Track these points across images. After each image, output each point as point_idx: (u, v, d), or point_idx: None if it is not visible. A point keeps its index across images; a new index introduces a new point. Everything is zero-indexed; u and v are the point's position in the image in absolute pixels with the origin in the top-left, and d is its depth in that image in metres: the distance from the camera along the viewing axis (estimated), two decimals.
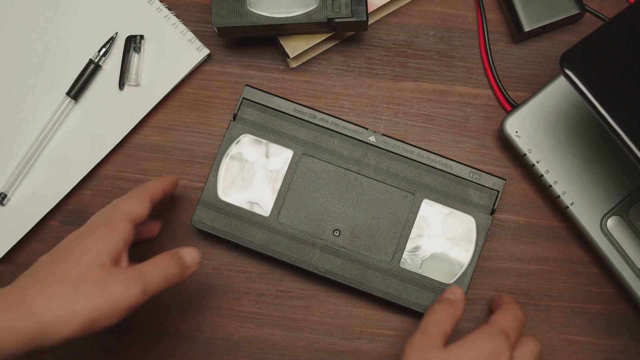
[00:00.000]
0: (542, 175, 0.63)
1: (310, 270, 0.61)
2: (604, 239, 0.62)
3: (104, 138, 0.66)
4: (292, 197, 0.62)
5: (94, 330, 0.50)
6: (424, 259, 0.62)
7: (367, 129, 0.62)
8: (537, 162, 0.63)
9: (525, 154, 0.63)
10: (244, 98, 0.63)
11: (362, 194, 0.62)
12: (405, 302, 0.61)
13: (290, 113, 0.63)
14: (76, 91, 0.66)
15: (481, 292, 0.64)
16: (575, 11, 0.65)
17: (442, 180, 0.62)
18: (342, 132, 0.62)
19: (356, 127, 0.62)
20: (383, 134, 0.62)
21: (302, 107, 0.63)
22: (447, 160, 0.62)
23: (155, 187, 0.58)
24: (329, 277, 0.61)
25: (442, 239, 0.62)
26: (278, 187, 0.62)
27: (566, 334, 0.64)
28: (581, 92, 0.53)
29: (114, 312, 0.51)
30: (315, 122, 0.62)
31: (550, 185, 0.63)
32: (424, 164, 0.62)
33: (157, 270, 0.54)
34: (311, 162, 0.62)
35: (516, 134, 0.63)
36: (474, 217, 0.62)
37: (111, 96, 0.66)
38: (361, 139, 0.62)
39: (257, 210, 0.62)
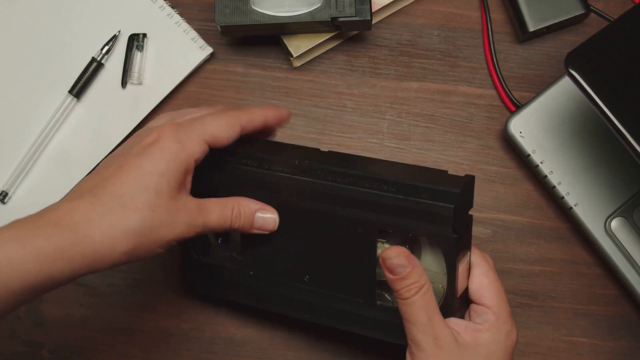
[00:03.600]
0: (546, 176, 0.63)
1: (294, 315, 0.57)
2: (608, 240, 0.62)
3: (106, 136, 0.65)
4: (259, 246, 0.57)
5: (140, 258, 0.48)
6: None
7: (296, 161, 0.54)
8: (541, 162, 0.63)
9: (529, 155, 0.63)
10: None
11: (326, 232, 0.54)
12: (389, 338, 0.54)
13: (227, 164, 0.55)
14: (78, 89, 0.65)
15: None
16: (580, 11, 0.64)
17: (392, 205, 0.51)
18: (291, 171, 0.54)
19: (285, 160, 0.54)
20: (327, 151, 0.55)
21: (227, 152, 0.54)
22: (391, 178, 0.52)
23: (253, 116, 0.53)
24: (311, 321, 0.57)
25: None
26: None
27: (569, 336, 0.64)
28: (586, 92, 0.53)
29: (165, 247, 0.48)
30: (246, 165, 0.55)
31: (554, 186, 0.63)
32: (369, 190, 0.52)
33: (220, 221, 0.51)
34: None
35: (520, 134, 0.63)
36: (437, 240, 0.51)
37: (113, 94, 0.66)
38: (295, 173, 0.54)
39: (233, 260, 0.59)
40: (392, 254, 0.49)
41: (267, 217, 0.54)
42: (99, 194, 0.47)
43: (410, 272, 0.48)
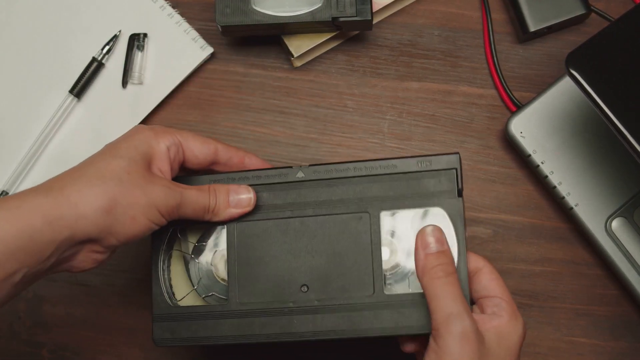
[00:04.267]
0: (546, 176, 0.63)
1: (294, 339, 0.54)
2: (608, 241, 0.62)
3: (106, 136, 0.65)
4: (245, 272, 0.55)
5: (124, 228, 0.49)
6: (409, 275, 0.54)
7: (291, 167, 0.55)
8: (542, 162, 0.63)
9: (530, 155, 0.63)
10: None
11: (313, 236, 0.54)
12: (409, 330, 0.53)
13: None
14: (79, 89, 0.65)
15: None
16: (580, 11, 0.64)
17: (391, 185, 0.54)
18: (266, 181, 0.55)
19: (279, 170, 0.55)
20: (310, 165, 0.55)
21: (217, 174, 0.56)
22: (387, 160, 0.54)
23: (232, 149, 0.56)
24: (315, 338, 0.54)
25: None
26: (225, 268, 0.56)
27: (570, 336, 0.64)
28: (587, 92, 0.53)
29: (146, 213, 0.49)
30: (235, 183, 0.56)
31: (555, 186, 0.63)
32: (365, 176, 0.54)
33: (199, 197, 0.53)
34: (248, 228, 0.55)
35: (521, 134, 0.63)
36: (442, 207, 0.53)
37: (114, 94, 0.66)
38: (289, 180, 0.55)
39: (215, 301, 0.56)
40: (432, 228, 0.51)
41: (242, 197, 0.54)
42: (78, 167, 0.50)
43: (448, 250, 0.50)
